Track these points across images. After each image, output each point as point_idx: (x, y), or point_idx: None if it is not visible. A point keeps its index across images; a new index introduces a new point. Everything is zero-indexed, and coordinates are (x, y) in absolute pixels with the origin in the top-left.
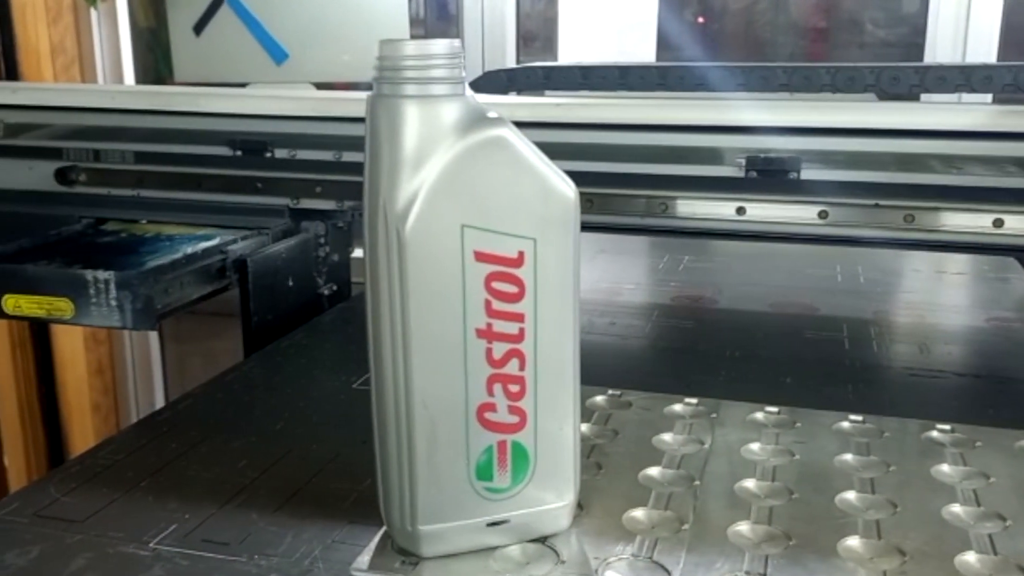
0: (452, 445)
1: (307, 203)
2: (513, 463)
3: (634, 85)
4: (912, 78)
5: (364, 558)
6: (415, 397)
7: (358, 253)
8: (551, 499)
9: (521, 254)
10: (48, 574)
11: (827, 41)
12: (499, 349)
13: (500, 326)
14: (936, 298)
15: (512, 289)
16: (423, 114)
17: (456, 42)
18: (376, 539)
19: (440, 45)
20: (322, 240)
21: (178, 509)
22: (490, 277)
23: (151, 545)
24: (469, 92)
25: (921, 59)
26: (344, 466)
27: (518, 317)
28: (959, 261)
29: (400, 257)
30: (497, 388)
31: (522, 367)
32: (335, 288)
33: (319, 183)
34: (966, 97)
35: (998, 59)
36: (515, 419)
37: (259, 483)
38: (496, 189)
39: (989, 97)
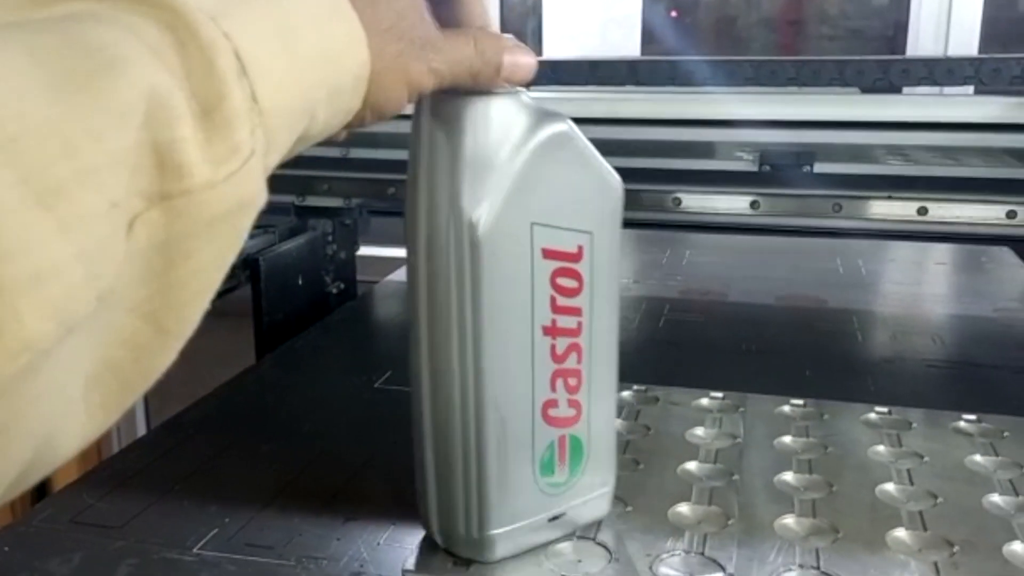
0: (520, 445)
1: (313, 200)
2: (571, 456)
3: (644, 80)
4: (922, 71)
5: (414, 559)
6: (487, 400)
7: (364, 251)
8: (598, 486)
9: (580, 248)
10: None
11: (801, 33)
12: (561, 344)
13: (563, 321)
14: (940, 289)
15: (573, 284)
16: (486, 112)
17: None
18: (423, 539)
19: None
20: (330, 238)
21: (216, 513)
22: (555, 273)
23: (195, 550)
24: (522, 89)
25: (903, 52)
26: (379, 468)
27: (577, 311)
28: (956, 251)
29: (472, 260)
30: (559, 383)
31: (579, 360)
32: (342, 286)
33: (326, 180)
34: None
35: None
36: (572, 412)
37: (295, 486)
38: (562, 185)
39: (971, 89)
